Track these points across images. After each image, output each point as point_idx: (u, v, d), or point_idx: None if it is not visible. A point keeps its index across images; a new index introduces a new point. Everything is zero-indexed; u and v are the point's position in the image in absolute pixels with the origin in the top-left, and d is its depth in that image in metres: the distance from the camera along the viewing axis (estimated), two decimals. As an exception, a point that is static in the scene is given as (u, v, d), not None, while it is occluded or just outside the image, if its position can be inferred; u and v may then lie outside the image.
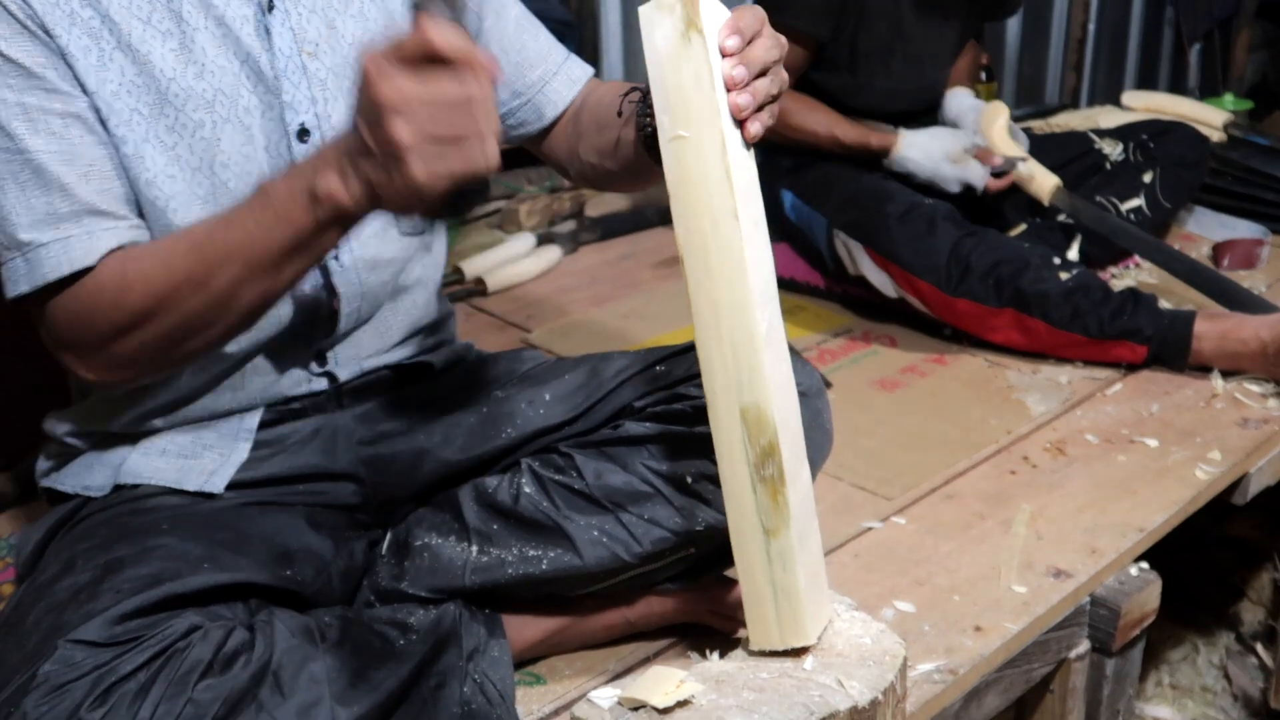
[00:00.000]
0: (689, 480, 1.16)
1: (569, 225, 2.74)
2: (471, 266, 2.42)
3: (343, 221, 0.90)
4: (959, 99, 2.27)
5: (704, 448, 1.15)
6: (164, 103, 1.02)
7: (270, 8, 1.06)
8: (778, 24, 0.96)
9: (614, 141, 1.16)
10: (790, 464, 0.94)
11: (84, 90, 1.00)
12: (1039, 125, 3.21)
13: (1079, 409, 1.84)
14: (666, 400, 1.19)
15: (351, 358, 1.21)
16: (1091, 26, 4.39)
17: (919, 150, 2.11)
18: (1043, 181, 2.18)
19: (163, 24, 1.02)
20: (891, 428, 1.79)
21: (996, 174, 2.16)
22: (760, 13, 0.93)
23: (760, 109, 0.92)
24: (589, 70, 1.29)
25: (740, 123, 0.91)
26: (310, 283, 1.13)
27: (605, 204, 2.86)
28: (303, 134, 1.09)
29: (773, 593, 0.96)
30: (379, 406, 1.25)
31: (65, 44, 0.99)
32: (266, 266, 0.93)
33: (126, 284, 0.96)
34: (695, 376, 1.17)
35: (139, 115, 1.02)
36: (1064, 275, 1.93)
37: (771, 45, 0.93)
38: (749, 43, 0.91)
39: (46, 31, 0.98)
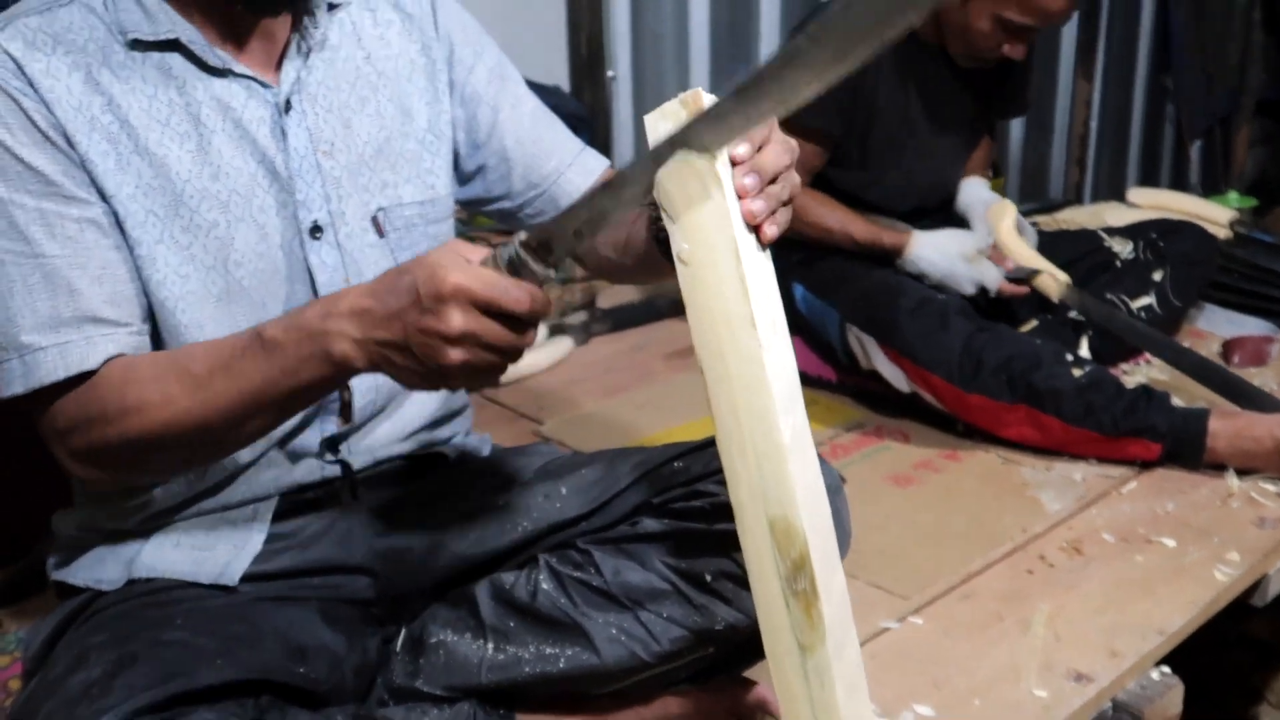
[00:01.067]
0: (708, 578, 1.14)
1: (581, 316, 2.75)
2: (483, 356, 2.42)
3: (354, 375, 0.94)
4: (971, 190, 2.30)
5: (723, 545, 1.15)
6: (179, 204, 1.04)
7: (287, 109, 1.09)
8: (790, 122, 0.95)
9: (627, 238, 1.17)
10: (823, 575, 0.91)
11: (102, 196, 1.02)
12: (1045, 220, 3.24)
13: (1094, 507, 1.83)
14: (685, 497, 1.18)
15: (365, 447, 1.21)
16: (1094, 123, 4.46)
17: (933, 250, 2.13)
18: (1052, 279, 2.20)
19: (181, 126, 1.04)
20: (906, 524, 1.77)
21: (1011, 279, 2.18)
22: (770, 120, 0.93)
23: (774, 213, 0.93)
24: (604, 162, 1.31)
25: (755, 228, 0.91)
26: None
27: (617, 295, 2.87)
28: (315, 231, 1.11)
29: (811, 711, 0.93)
30: (394, 498, 1.24)
31: (85, 150, 1.01)
32: (270, 409, 0.97)
33: (125, 408, 0.98)
34: (714, 473, 1.17)
35: (154, 217, 1.03)
36: (1077, 372, 1.94)
37: (782, 151, 0.92)
38: (759, 149, 0.90)
39: (68, 139, 1.00)
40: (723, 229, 0.87)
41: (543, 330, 2.60)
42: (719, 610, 1.14)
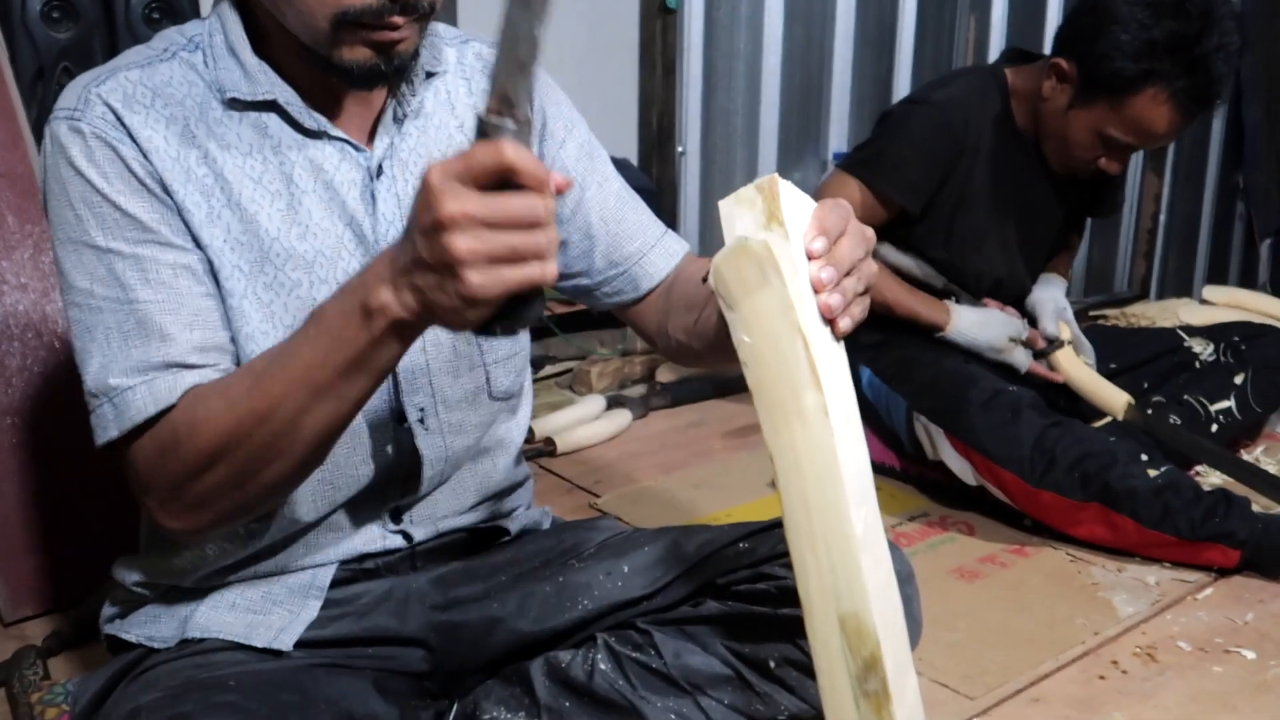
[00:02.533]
0: (772, 665, 1.12)
1: (640, 389, 2.74)
2: (542, 426, 2.41)
3: (400, 334, 0.87)
4: (1045, 290, 2.27)
5: (788, 631, 1.12)
6: (265, 260, 1.04)
7: (379, 173, 1.09)
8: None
9: (700, 321, 1.16)
10: (895, 676, 0.88)
11: (197, 244, 1.02)
12: (1114, 314, 3.20)
13: (1169, 612, 1.77)
14: (750, 579, 1.16)
15: (427, 517, 1.20)
16: (1162, 217, 4.42)
17: (966, 337, 2.14)
18: (1113, 398, 2.16)
19: (273, 185, 1.05)
20: (973, 621, 1.72)
21: (1039, 354, 2.16)
22: (845, 207, 0.91)
23: (849, 306, 0.91)
24: (685, 246, 1.31)
25: (829, 320, 0.89)
26: (393, 444, 1.13)
27: (676, 370, 2.86)
28: None
29: None
30: (453, 570, 1.23)
31: (181, 199, 1.01)
32: (328, 390, 0.91)
33: (194, 423, 0.95)
34: (780, 556, 1.15)
35: (240, 272, 1.04)
36: (1153, 472, 1.89)
37: (858, 242, 0.91)
38: (835, 240, 0.89)
39: (164, 187, 1.01)
40: (786, 317, 0.86)
41: (601, 401, 2.58)
42: (782, 699, 1.12)
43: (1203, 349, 2.37)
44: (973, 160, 2.09)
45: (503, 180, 0.78)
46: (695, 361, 1.26)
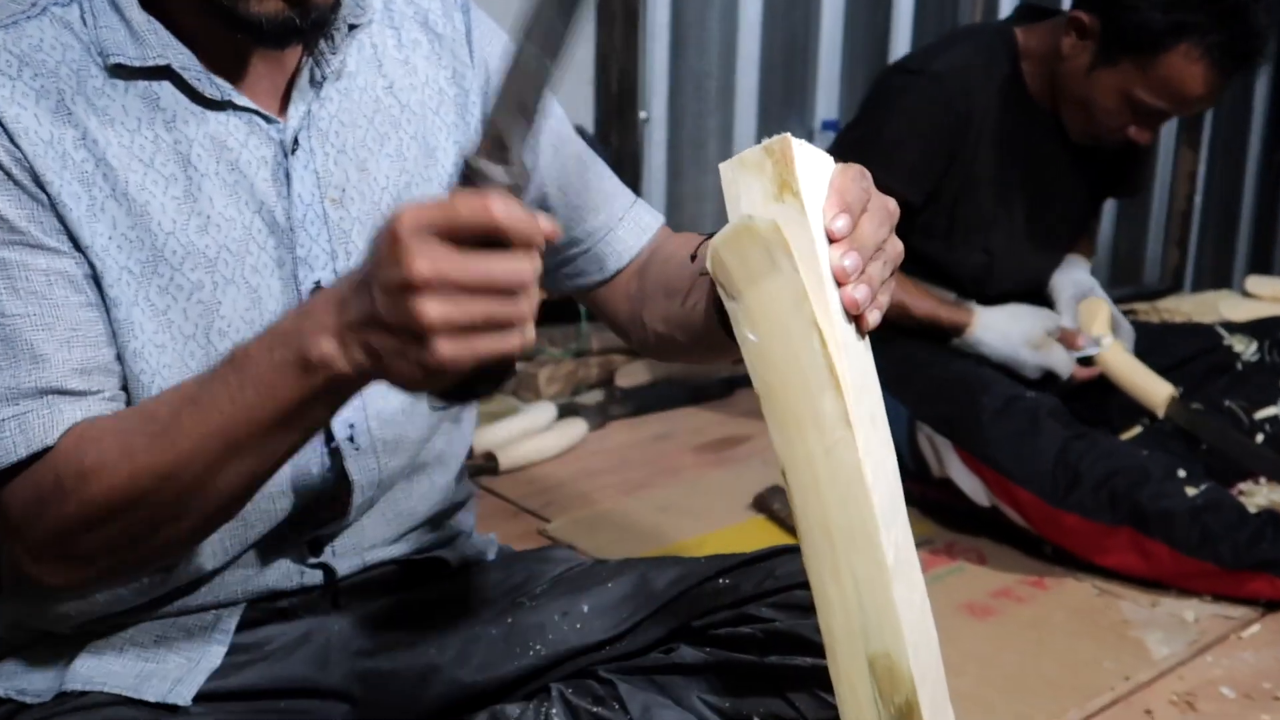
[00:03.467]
0: (757, 723, 1.11)
1: (596, 396, 2.74)
2: (481, 439, 2.40)
3: (341, 390, 0.86)
4: (1067, 273, 2.28)
5: (777, 682, 1.12)
6: (158, 259, 1.02)
7: (294, 148, 1.07)
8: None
9: (685, 310, 1.15)
10: None
11: (76, 245, 1.00)
12: (1144, 309, 3.24)
13: (1209, 654, 1.79)
14: (732, 622, 1.15)
15: (352, 548, 1.18)
16: (1198, 198, 4.47)
17: (995, 334, 2.13)
18: (1154, 389, 2.18)
19: (166, 168, 1.02)
20: (985, 665, 1.74)
21: (1083, 360, 2.18)
22: (865, 173, 0.90)
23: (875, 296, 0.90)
24: (659, 218, 1.30)
25: (854, 315, 0.88)
26: (318, 467, 1.11)
27: (639, 373, 2.86)
28: (317, 293, 1.08)
29: None
30: (381, 610, 1.21)
31: (56, 192, 0.98)
32: (249, 447, 0.90)
33: (83, 471, 0.93)
34: (768, 594, 1.14)
35: (128, 274, 1.01)
36: (1191, 491, 1.91)
37: (883, 218, 0.90)
38: (858, 218, 0.87)
39: (37, 180, 0.98)
40: (799, 309, 0.85)
41: (551, 409, 2.58)
42: (770, 764, 1.11)
43: (1245, 348, 2.40)
44: (978, 136, 2.10)
45: (486, 238, 0.77)
46: (679, 355, 1.25)
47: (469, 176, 0.80)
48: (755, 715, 1.11)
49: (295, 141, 1.07)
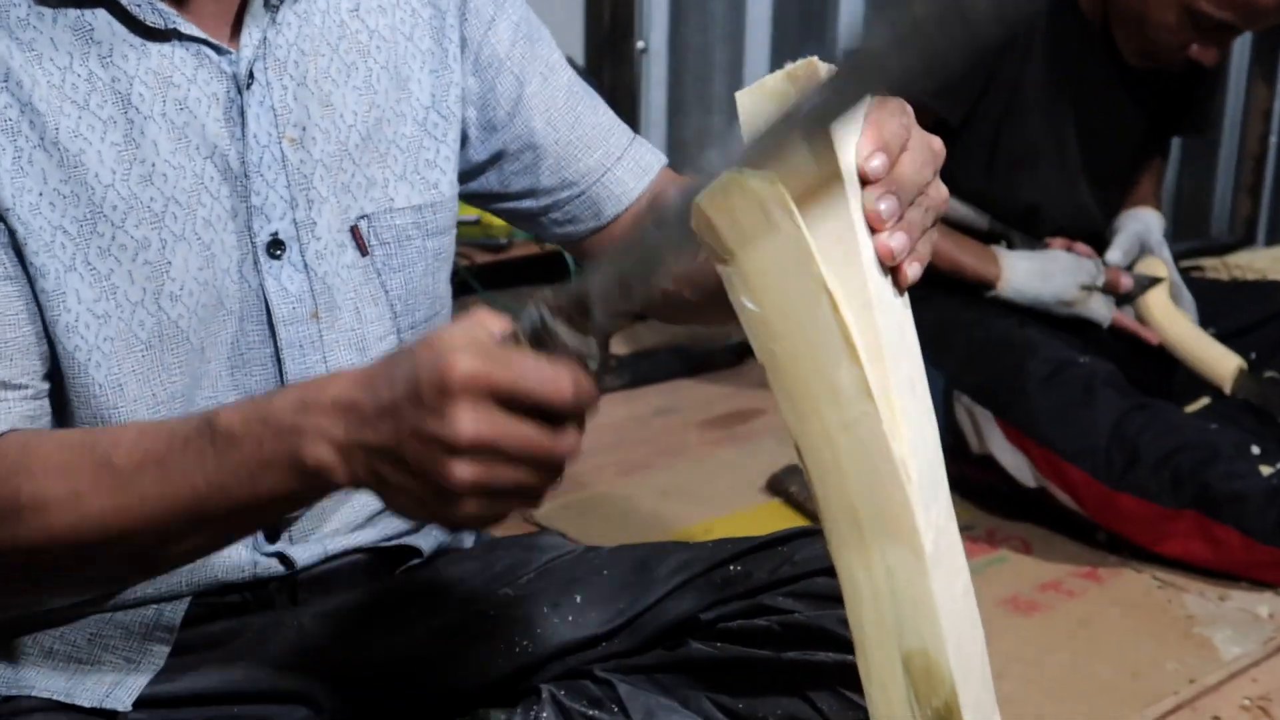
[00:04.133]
0: (773, 727, 1.12)
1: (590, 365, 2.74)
2: (458, 415, 2.41)
3: (331, 491, 0.88)
4: (1135, 226, 2.28)
5: (796, 681, 1.13)
6: (97, 217, 1.01)
7: (249, 82, 1.07)
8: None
9: (693, 264, 1.15)
10: None
11: None
12: (1212, 265, 3.24)
13: (1287, 653, 1.80)
14: (745, 613, 1.16)
15: (313, 535, 1.19)
16: (1273, 139, 4.47)
17: (1025, 293, 2.16)
18: (1220, 361, 2.19)
19: (104, 109, 1.02)
20: (1031, 667, 1.75)
21: (1123, 300, 2.20)
22: (905, 108, 0.89)
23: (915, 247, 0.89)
24: (661, 158, 1.30)
25: (890, 267, 0.86)
26: None
27: (637, 339, 2.87)
28: (274, 247, 1.09)
29: None
30: (346, 604, 1.22)
31: None
32: (214, 525, 0.91)
33: (16, 505, 0.92)
34: (787, 581, 1.15)
35: (63, 235, 1.01)
36: (1266, 470, 1.92)
37: (925, 159, 0.88)
38: (896, 157, 0.86)
39: None
40: (804, 269, 0.84)
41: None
42: (787, 772, 1.12)
43: (1325, 308, 2.40)
44: (1024, 55, 2.10)
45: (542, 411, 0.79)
46: (687, 316, 1.25)
47: (539, 334, 0.80)
48: (771, 718, 1.12)
49: (250, 75, 1.07)
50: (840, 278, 0.84)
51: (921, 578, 0.86)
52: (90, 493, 0.91)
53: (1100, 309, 2.19)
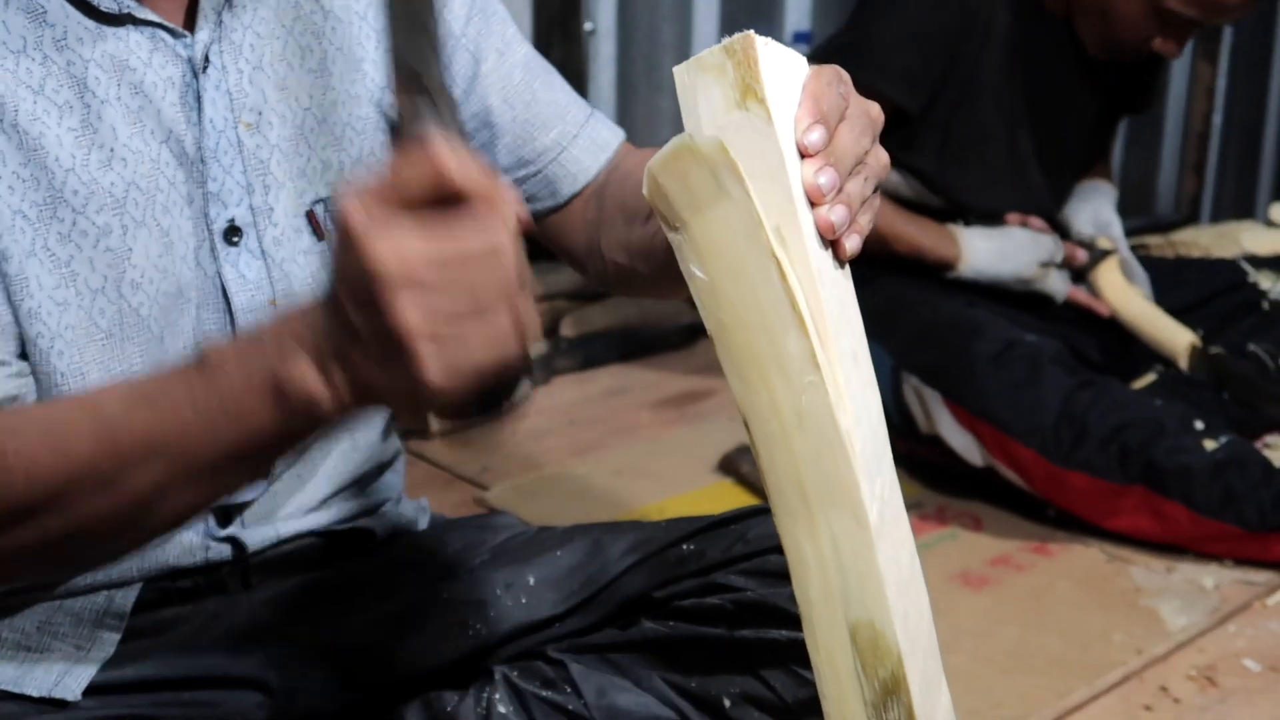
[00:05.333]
0: (727, 704, 1.13)
1: (539, 347, 2.74)
2: (409, 398, 2.40)
3: (321, 423, 0.83)
4: (1089, 202, 2.30)
5: (750, 658, 1.13)
6: (57, 202, 1.00)
7: (205, 66, 1.06)
8: (854, 79, 0.92)
9: (646, 235, 1.15)
10: (923, 700, 0.89)
11: None
12: (1157, 243, 3.27)
13: (1232, 623, 1.82)
14: (698, 591, 1.16)
15: (265, 517, 1.19)
16: (1217, 118, 4.50)
17: (984, 273, 2.18)
18: (1174, 335, 2.21)
19: (60, 94, 1.00)
20: (981, 641, 1.76)
21: (1078, 275, 2.23)
22: (843, 76, 0.89)
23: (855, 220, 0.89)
24: (619, 134, 1.29)
25: (830, 240, 0.87)
26: None
27: (588, 320, 2.86)
28: (231, 234, 1.08)
29: None
30: (298, 587, 1.21)
31: None
32: (204, 470, 0.86)
33: (4, 466, 0.88)
34: (740, 560, 1.15)
35: (23, 219, 0.99)
36: (1210, 445, 1.94)
37: (863, 127, 0.88)
38: (835, 128, 0.86)
39: None
40: (753, 237, 0.85)
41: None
42: (741, 750, 1.12)
43: (1272, 284, 2.43)
44: (983, 43, 2.11)
45: (440, 197, 0.73)
46: (643, 289, 1.25)
47: (398, 129, 0.77)
48: (725, 696, 1.13)
49: (206, 59, 1.06)
50: (782, 251, 0.85)
51: (867, 549, 0.86)
52: (78, 439, 0.86)
53: (1057, 284, 2.21)
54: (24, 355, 1.01)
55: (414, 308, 0.72)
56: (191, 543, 1.15)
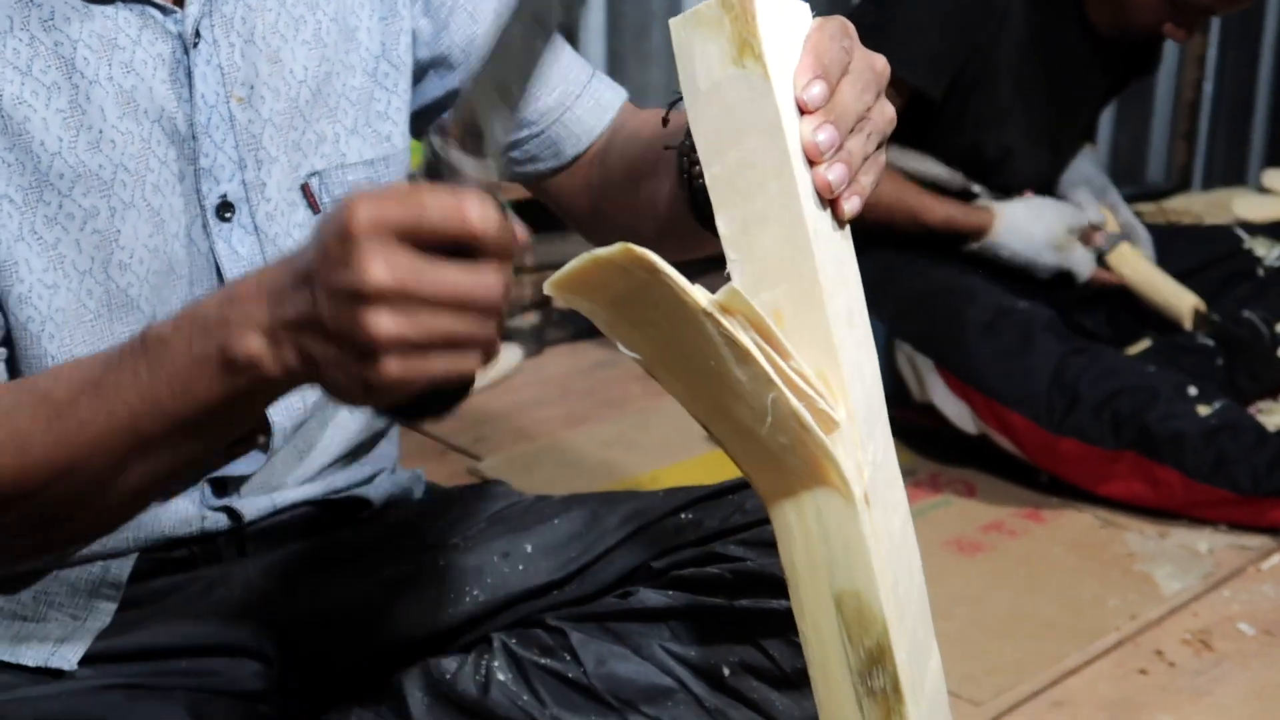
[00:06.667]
0: (726, 673, 1.13)
1: (531, 318, 2.73)
2: (400, 369, 2.40)
3: (269, 391, 0.84)
4: (1078, 168, 2.31)
5: (749, 628, 1.13)
6: (43, 185, 1.00)
7: (196, 41, 1.05)
8: None
9: (650, 197, 1.15)
10: (910, 670, 0.89)
11: None
12: (1149, 211, 3.28)
13: (1226, 588, 1.83)
14: (696, 561, 1.16)
15: (261, 488, 1.18)
16: (1208, 86, 4.50)
17: (1019, 236, 2.15)
18: (1178, 299, 2.21)
19: (48, 75, 0.99)
20: (975, 607, 1.77)
21: (1101, 257, 2.22)
22: (848, 28, 0.87)
23: (855, 179, 0.86)
24: (621, 93, 1.28)
25: (829, 200, 0.85)
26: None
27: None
28: (223, 210, 1.07)
29: None
30: (294, 556, 1.21)
31: None
32: (157, 447, 0.87)
33: None
34: (736, 529, 1.15)
35: (9, 204, 0.99)
36: (1204, 410, 1.94)
37: (867, 82, 0.86)
38: (836, 84, 0.84)
39: None
40: (680, 313, 0.83)
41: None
42: (740, 717, 1.12)
43: (1266, 251, 2.43)
44: (1000, 25, 2.11)
45: (454, 245, 0.74)
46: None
47: (436, 167, 0.77)
48: (724, 664, 1.12)
49: (197, 34, 1.05)
50: (776, 210, 0.84)
51: (852, 521, 0.85)
52: (31, 430, 0.88)
53: (1081, 260, 2.20)
54: (4, 342, 1.01)
55: (389, 322, 0.73)
56: (187, 512, 1.15)
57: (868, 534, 0.86)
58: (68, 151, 1.00)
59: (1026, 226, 2.16)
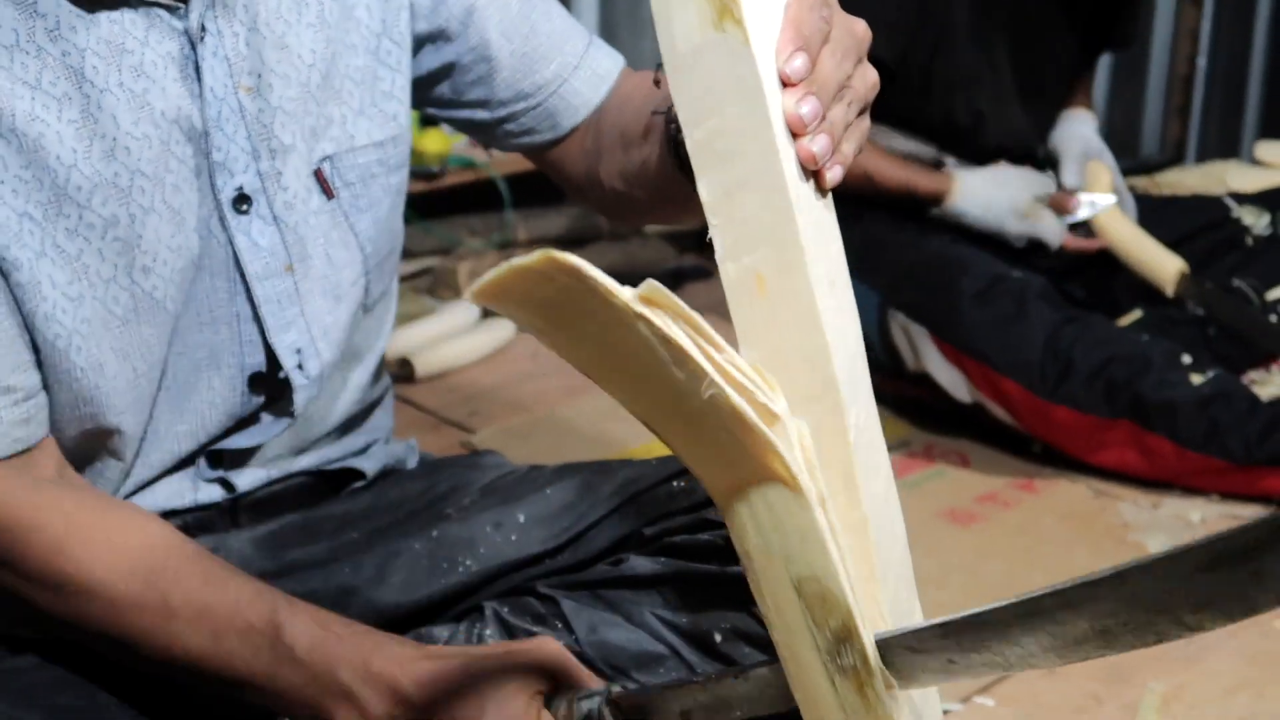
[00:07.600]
0: (718, 639, 1.13)
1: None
2: (393, 344, 2.39)
3: None
4: (1072, 127, 2.30)
5: (740, 594, 1.12)
6: (62, 199, 0.98)
7: (202, 35, 1.04)
8: None
9: (642, 163, 1.14)
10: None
11: None
12: (1143, 184, 3.27)
13: (1218, 558, 1.83)
14: (688, 528, 1.16)
15: (255, 459, 1.18)
16: (1202, 61, 4.49)
17: (978, 203, 2.15)
18: (1162, 264, 2.20)
19: (57, 87, 0.98)
20: (968, 576, 1.78)
21: (1077, 226, 2.21)
22: None
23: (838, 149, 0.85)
24: (619, 61, 1.27)
25: (812, 171, 0.84)
26: (244, 400, 1.13)
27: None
28: (240, 202, 1.06)
29: None
30: (287, 526, 1.21)
31: None
32: (214, 686, 1.02)
33: (45, 572, 0.99)
34: (728, 496, 1.15)
35: (30, 221, 0.98)
36: (1197, 379, 1.94)
37: (847, 49, 0.86)
38: (817, 53, 0.83)
39: None
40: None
41: (473, 309, 2.57)
42: (732, 683, 1.12)
43: (1255, 220, 2.43)
44: None
45: None
46: (643, 216, 1.24)
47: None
48: (716, 630, 1.12)
49: (203, 29, 1.03)
50: (757, 176, 0.82)
51: (803, 510, 0.82)
52: (134, 611, 1.00)
53: (1051, 227, 2.19)
54: (36, 362, 1.01)
55: None
56: (181, 484, 1.15)
57: (820, 522, 0.84)
58: (83, 162, 0.99)
59: (986, 193, 2.16)
